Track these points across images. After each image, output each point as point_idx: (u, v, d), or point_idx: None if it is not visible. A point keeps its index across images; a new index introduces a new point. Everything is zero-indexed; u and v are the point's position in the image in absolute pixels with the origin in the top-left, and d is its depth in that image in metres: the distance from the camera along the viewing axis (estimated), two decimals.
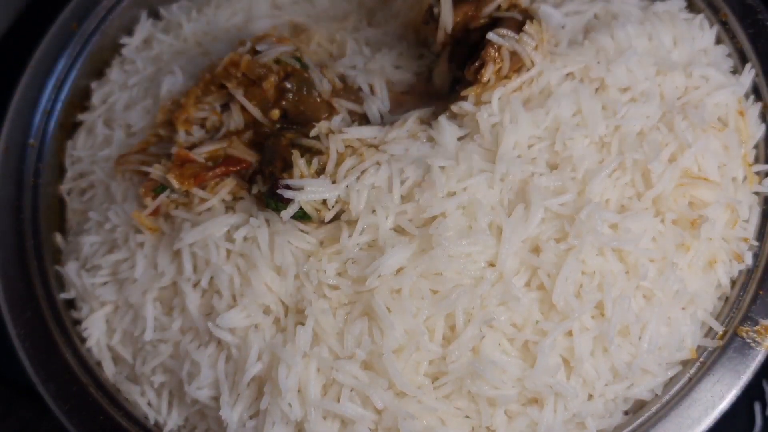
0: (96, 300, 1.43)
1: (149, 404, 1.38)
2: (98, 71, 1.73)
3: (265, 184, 1.36)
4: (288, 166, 1.34)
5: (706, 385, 1.25)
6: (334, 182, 1.33)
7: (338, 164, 1.36)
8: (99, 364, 1.42)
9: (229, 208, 1.39)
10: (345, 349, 1.24)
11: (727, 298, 1.35)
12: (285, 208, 1.31)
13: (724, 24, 1.52)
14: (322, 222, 1.34)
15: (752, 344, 1.28)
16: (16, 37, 2.09)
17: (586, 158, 1.30)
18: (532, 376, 1.20)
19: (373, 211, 1.29)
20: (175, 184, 1.38)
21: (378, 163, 1.35)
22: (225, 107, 1.48)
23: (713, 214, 1.32)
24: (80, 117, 1.67)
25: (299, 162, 1.34)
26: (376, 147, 1.38)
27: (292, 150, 1.35)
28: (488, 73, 1.38)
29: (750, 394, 1.24)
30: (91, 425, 1.35)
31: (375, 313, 1.22)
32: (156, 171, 1.42)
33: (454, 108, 1.38)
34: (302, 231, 1.33)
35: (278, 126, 1.45)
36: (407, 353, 1.22)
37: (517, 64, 1.39)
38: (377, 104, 1.50)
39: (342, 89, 1.51)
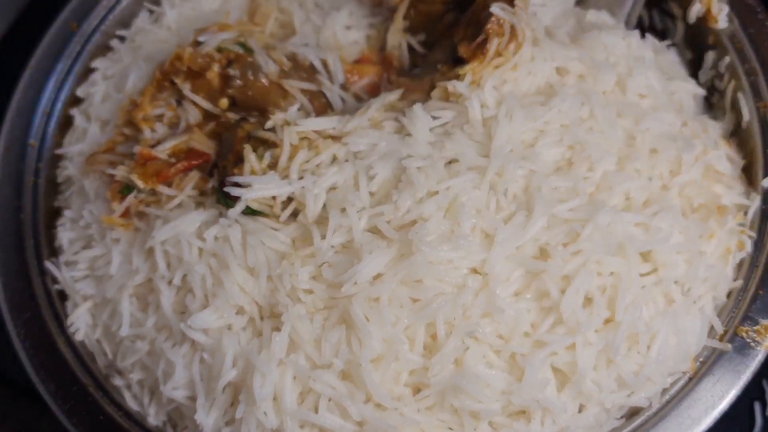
0: (78, 294, 1.42)
1: (134, 398, 1.37)
2: None
3: (218, 179, 1.34)
4: (241, 160, 1.32)
5: (706, 385, 1.25)
6: (286, 177, 1.29)
7: (291, 158, 1.31)
8: (93, 358, 1.42)
9: (200, 204, 1.37)
10: (322, 358, 1.20)
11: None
12: (233, 205, 1.28)
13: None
14: (277, 219, 1.30)
15: (752, 344, 1.27)
16: (16, 37, 2.09)
17: (605, 158, 1.28)
18: (519, 390, 1.17)
19: (343, 209, 1.25)
20: (140, 183, 1.38)
21: (335, 157, 1.31)
22: (180, 102, 1.47)
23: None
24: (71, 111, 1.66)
25: (250, 156, 1.32)
26: (339, 138, 1.33)
27: (245, 143, 1.33)
28: (492, 49, 1.34)
29: (750, 394, 1.24)
30: (91, 425, 1.34)
31: (353, 322, 1.19)
32: (120, 172, 1.41)
33: (449, 86, 1.33)
34: (273, 229, 1.28)
35: (239, 117, 1.43)
36: (386, 363, 1.18)
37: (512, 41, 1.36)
38: (336, 87, 1.46)
39: (292, 68, 1.47)
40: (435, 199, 1.23)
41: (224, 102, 1.44)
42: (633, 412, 1.28)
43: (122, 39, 1.72)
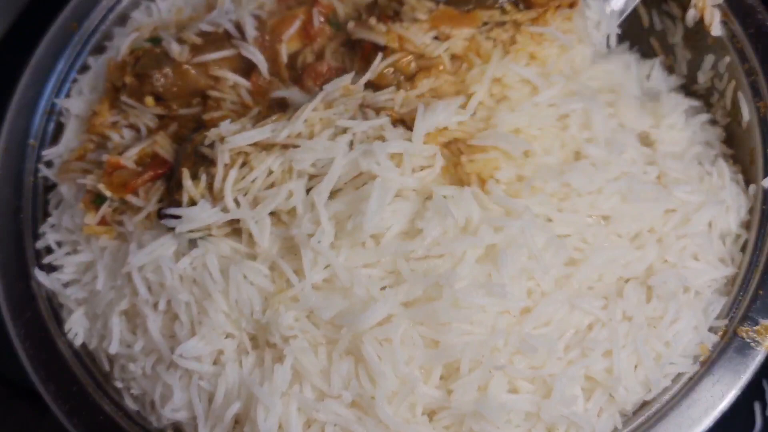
0: (70, 299, 1.42)
1: (136, 400, 1.36)
2: None
3: (161, 204, 1.32)
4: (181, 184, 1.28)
5: (705, 386, 1.25)
6: (222, 199, 1.24)
7: (224, 178, 1.25)
8: (92, 358, 1.42)
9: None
10: (332, 389, 1.17)
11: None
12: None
13: (724, 24, 1.52)
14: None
15: (752, 344, 1.27)
16: (16, 37, 2.09)
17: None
18: (547, 408, 1.17)
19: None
20: (107, 194, 1.37)
21: (270, 171, 1.24)
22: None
23: None
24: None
25: (186, 183, 1.27)
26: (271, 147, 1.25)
27: (184, 165, 1.29)
28: None
29: (750, 394, 1.23)
30: (91, 425, 1.33)
31: (363, 359, 1.16)
32: (89, 182, 1.40)
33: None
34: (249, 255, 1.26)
35: (191, 114, 1.41)
36: (401, 398, 1.16)
37: None
38: (253, 48, 1.40)
39: (205, 43, 1.42)
40: (470, 239, 1.20)
41: (149, 100, 1.43)
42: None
43: None
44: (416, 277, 1.18)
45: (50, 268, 1.46)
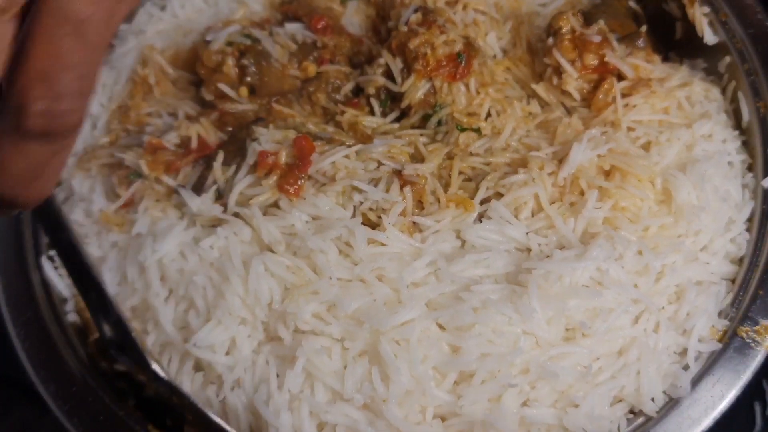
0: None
1: None
2: None
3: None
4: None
5: (705, 385, 1.24)
6: None
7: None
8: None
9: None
10: (345, 391, 1.16)
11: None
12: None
13: (724, 24, 1.52)
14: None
15: (752, 344, 1.27)
16: None
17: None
18: (570, 421, 1.17)
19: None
20: (146, 170, 1.38)
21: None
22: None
23: None
24: None
25: (215, 164, 1.34)
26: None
27: (225, 148, 1.36)
28: None
29: (750, 394, 1.23)
30: (92, 425, 1.31)
31: (380, 357, 1.15)
32: (129, 158, 1.42)
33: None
34: (271, 251, 1.27)
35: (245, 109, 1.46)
36: (413, 399, 1.16)
37: None
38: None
39: (298, 50, 1.51)
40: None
41: (244, 90, 1.48)
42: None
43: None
44: (447, 276, 1.20)
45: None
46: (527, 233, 1.28)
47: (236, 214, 1.31)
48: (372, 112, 1.46)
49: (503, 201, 1.29)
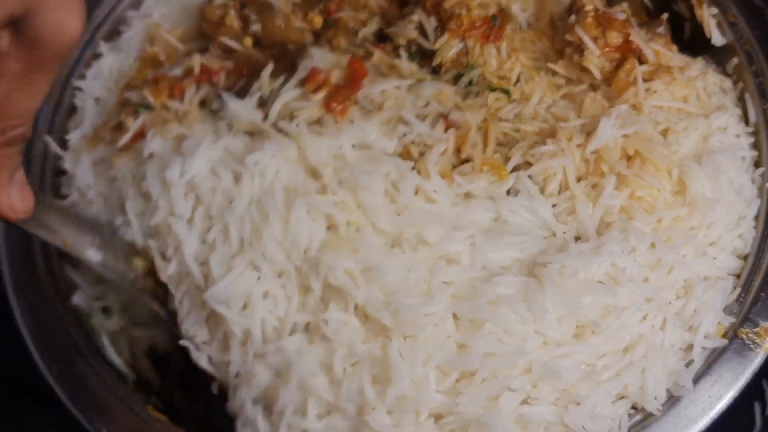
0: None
1: None
2: None
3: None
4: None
5: (704, 386, 1.23)
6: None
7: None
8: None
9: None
10: (340, 400, 1.13)
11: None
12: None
13: (732, 25, 1.51)
14: None
15: (752, 346, 1.25)
16: None
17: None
18: (573, 416, 1.15)
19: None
20: (151, 98, 1.36)
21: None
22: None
23: None
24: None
25: (264, 74, 1.33)
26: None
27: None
28: None
29: (749, 394, 1.23)
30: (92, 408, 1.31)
31: (386, 356, 1.12)
32: (134, 96, 1.41)
33: None
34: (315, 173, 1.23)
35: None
36: (409, 404, 1.13)
37: None
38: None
39: (302, 2, 1.50)
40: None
41: (248, 41, 1.47)
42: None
43: None
44: (480, 256, 1.19)
45: None
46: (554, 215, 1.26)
47: (278, 129, 1.27)
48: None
49: (532, 170, 1.27)
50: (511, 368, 1.14)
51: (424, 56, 1.43)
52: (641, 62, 1.39)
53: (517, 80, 1.39)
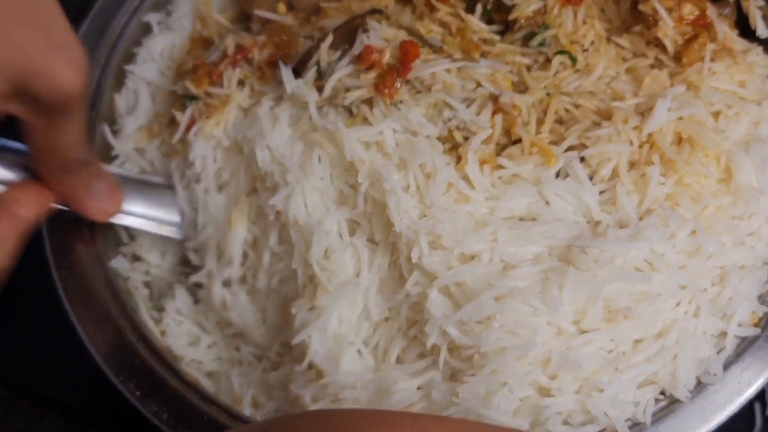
0: None
1: None
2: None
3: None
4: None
5: (734, 372, 1.23)
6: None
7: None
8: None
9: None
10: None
11: None
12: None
13: None
14: None
15: None
16: None
17: None
18: (596, 403, 1.14)
19: None
20: (193, 88, 1.38)
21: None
22: None
23: None
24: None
25: (323, 45, 1.34)
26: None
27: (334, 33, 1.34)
28: None
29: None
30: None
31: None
32: (179, 88, 1.42)
33: None
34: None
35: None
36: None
37: None
38: None
39: None
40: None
41: (282, 6, 1.47)
42: None
43: None
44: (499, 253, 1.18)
45: None
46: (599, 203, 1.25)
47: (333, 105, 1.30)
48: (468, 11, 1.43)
49: (586, 153, 1.25)
50: (521, 361, 1.14)
51: (500, 10, 1.41)
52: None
53: (585, 49, 1.37)
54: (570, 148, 1.28)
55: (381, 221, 1.23)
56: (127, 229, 1.46)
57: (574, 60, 1.35)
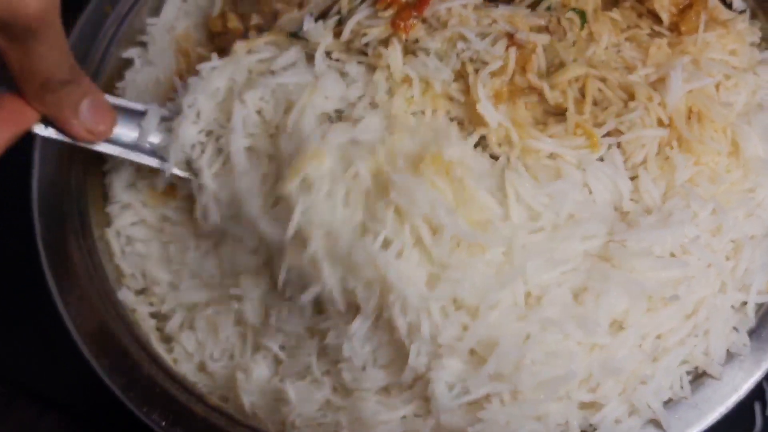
0: None
1: None
2: None
3: None
4: None
5: (756, 340, 1.24)
6: None
7: None
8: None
9: None
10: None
11: None
12: None
13: None
14: None
15: None
16: None
17: None
18: (640, 396, 1.15)
19: None
20: None
21: None
22: None
23: None
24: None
25: None
26: None
27: None
28: None
29: (750, 394, 1.22)
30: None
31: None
32: None
33: None
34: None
35: None
36: None
37: None
38: None
39: None
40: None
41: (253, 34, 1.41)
42: None
43: None
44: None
45: None
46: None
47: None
48: None
49: (624, 138, 1.22)
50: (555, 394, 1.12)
51: None
52: None
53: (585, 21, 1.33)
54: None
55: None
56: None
57: (583, 17, 1.31)
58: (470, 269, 1.07)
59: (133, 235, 1.42)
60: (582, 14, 1.31)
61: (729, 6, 1.48)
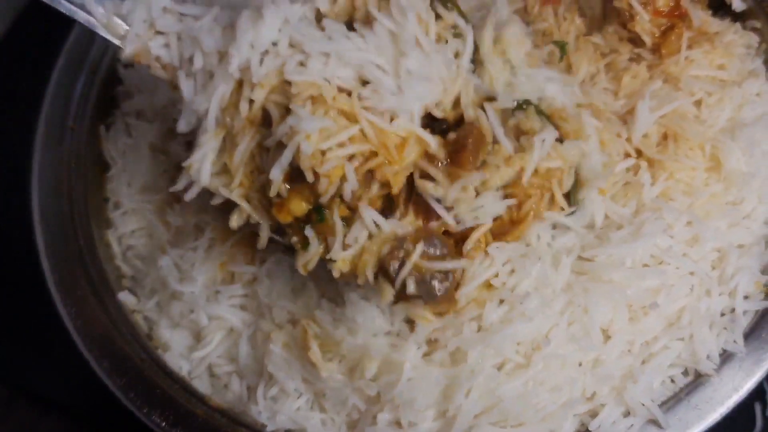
0: None
1: None
2: None
3: None
4: None
5: (754, 341, 1.26)
6: None
7: None
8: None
9: None
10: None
11: None
12: None
13: None
14: None
15: None
16: (16, 37, 2.04)
17: None
18: (632, 394, 1.21)
19: None
20: None
21: None
22: None
23: None
24: None
25: None
26: None
27: None
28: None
29: (750, 394, 1.24)
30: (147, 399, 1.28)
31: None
32: None
33: None
34: None
35: None
36: None
37: None
38: None
39: None
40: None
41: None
42: None
43: None
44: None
45: None
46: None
47: None
48: None
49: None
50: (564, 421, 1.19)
51: None
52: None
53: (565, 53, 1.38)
54: None
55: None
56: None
57: (563, 50, 1.36)
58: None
59: (133, 239, 1.46)
60: (562, 47, 1.37)
61: (729, 6, 1.50)
